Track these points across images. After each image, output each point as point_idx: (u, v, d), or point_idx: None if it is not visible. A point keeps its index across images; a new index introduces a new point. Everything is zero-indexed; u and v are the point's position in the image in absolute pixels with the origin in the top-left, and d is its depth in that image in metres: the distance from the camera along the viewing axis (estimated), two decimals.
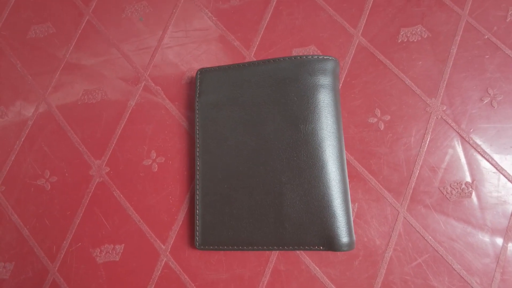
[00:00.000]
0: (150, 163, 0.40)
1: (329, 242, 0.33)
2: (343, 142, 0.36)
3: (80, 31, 0.44)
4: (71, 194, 0.40)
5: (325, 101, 0.35)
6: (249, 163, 0.36)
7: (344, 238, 0.33)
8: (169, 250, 0.38)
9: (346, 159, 0.38)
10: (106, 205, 0.39)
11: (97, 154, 0.41)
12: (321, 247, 0.33)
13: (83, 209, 0.39)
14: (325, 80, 0.36)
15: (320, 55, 0.36)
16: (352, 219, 0.35)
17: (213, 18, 0.43)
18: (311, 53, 0.41)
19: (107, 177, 0.40)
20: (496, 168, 0.37)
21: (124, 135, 0.41)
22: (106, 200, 0.39)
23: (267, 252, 0.37)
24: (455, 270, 0.36)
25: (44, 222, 0.39)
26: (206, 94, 0.38)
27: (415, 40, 0.41)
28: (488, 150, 0.38)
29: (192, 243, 0.38)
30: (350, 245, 0.34)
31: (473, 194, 0.37)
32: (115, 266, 0.38)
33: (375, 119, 0.39)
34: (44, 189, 0.40)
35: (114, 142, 0.41)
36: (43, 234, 0.39)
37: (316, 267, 0.36)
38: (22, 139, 0.42)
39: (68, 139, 0.41)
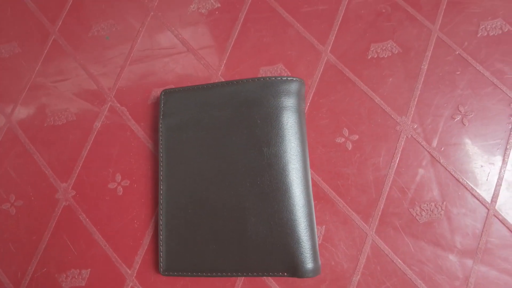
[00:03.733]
0: (115, 186, 0.39)
1: (293, 268, 0.32)
2: (308, 165, 0.36)
3: (46, 51, 0.43)
4: (37, 219, 0.39)
5: (288, 123, 0.34)
6: (213, 188, 0.35)
7: (308, 264, 0.32)
8: (135, 274, 0.37)
9: (313, 180, 0.37)
10: (72, 230, 0.39)
11: (64, 177, 0.40)
12: (285, 274, 0.33)
13: (49, 234, 0.39)
14: (288, 102, 0.35)
15: (284, 77, 0.35)
16: (317, 243, 0.34)
17: (180, 35, 0.42)
18: (279, 72, 0.40)
19: (73, 200, 0.39)
20: (467, 188, 0.37)
21: (90, 158, 0.40)
22: (72, 224, 0.39)
23: (233, 278, 0.36)
24: None
25: (8, 247, 0.39)
26: (169, 116, 0.37)
27: (386, 56, 0.40)
28: (459, 169, 0.37)
29: (158, 268, 0.37)
30: (315, 271, 0.33)
31: (443, 215, 0.36)
32: None
33: (343, 139, 0.38)
34: (9, 214, 0.40)
35: (80, 164, 0.40)
36: (8, 259, 0.39)
37: None
38: None
39: (34, 162, 0.41)
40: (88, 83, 0.42)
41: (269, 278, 0.36)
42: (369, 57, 0.40)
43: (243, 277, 0.36)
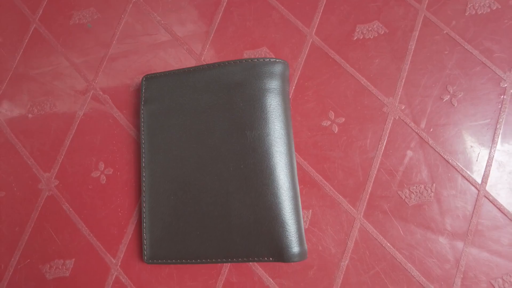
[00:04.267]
0: (98, 175, 0.38)
1: (278, 253, 0.32)
2: (293, 148, 0.35)
3: (27, 41, 0.43)
4: (20, 209, 0.39)
5: (272, 106, 0.34)
6: (195, 173, 0.34)
7: (294, 248, 0.32)
8: (119, 264, 0.37)
9: (299, 164, 0.37)
10: (56, 220, 0.38)
11: (46, 167, 0.39)
12: (271, 258, 0.32)
13: (32, 224, 0.38)
14: (272, 84, 0.34)
15: (267, 58, 0.34)
16: (303, 227, 0.33)
17: (162, 22, 0.42)
18: (263, 55, 0.39)
19: (56, 190, 0.39)
20: (457, 169, 0.36)
21: (73, 147, 0.39)
22: (55, 214, 0.38)
23: (219, 264, 0.35)
24: (414, 278, 0.34)
25: None
26: (151, 101, 0.37)
27: (372, 37, 0.39)
28: (448, 151, 0.36)
29: (142, 256, 0.36)
30: (302, 255, 0.32)
31: (433, 197, 0.35)
32: (65, 281, 0.37)
33: (329, 122, 0.37)
34: None
35: (63, 154, 0.39)
36: None
37: (269, 278, 0.35)
38: None
39: (17, 153, 0.40)
40: (70, 71, 0.41)
41: (255, 264, 0.35)
42: (354, 39, 0.39)
43: (229, 263, 0.35)
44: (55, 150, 0.40)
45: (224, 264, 0.35)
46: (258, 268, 0.35)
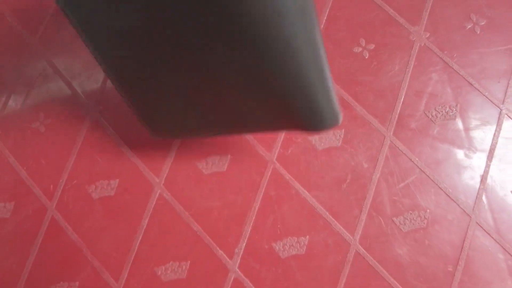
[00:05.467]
0: None
1: (307, 118, 0.25)
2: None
3: None
4: (66, 134, 0.41)
5: None
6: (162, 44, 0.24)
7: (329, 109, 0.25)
8: (163, 182, 0.39)
9: None
10: (100, 142, 0.40)
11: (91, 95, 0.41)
12: (299, 127, 0.26)
13: (77, 148, 0.40)
14: None
15: None
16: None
17: None
18: None
19: (100, 116, 0.41)
20: (479, 91, 0.38)
21: None
22: (99, 138, 0.40)
23: (258, 179, 0.38)
24: (442, 190, 0.37)
25: (40, 163, 0.40)
26: None
27: None
28: (470, 74, 0.38)
29: (187, 174, 0.38)
30: (335, 118, 0.26)
31: (458, 116, 0.38)
32: (111, 201, 0.39)
33: (360, 49, 0.40)
34: (38, 132, 0.41)
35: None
36: (40, 174, 0.40)
37: (305, 191, 0.37)
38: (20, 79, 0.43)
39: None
40: None
41: (293, 178, 0.38)
42: None
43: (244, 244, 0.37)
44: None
45: (263, 178, 0.38)
46: (294, 182, 0.38)
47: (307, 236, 0.36)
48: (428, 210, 0.36)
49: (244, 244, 0.37)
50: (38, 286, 0.38)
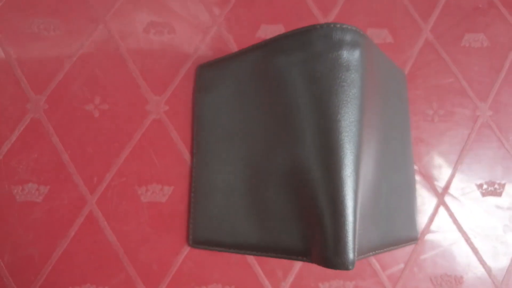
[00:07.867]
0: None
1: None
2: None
3: None
4: (122, 127, 0.38)
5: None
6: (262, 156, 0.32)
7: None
8: None
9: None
10: (161, 144, 0.38)
11: (158, 90, 0.39)
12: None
13: (133, 144, 0.38)
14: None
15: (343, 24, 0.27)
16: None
17: None
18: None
19: (164, 114, 0.38)
20: None
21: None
22: (160, 138, 0.38)
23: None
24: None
25: (87, 150, 0.37)
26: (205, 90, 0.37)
27: (476, 47, 0.43)
28: None
29: None
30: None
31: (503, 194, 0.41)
32: (160, 207, 0.37)
33: (431, 111, 0.41)
34: (92, 116, 0.38)
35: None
36: (84, 162, 0.37)
37: None
38: (74, 59, 0.39)
39: (126, 69, 0.39)
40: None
41: None
42: (462, 45, 0.43)
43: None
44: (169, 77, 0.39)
45: None
46: None
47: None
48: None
49: None
50: (60, 284, 0.35)
